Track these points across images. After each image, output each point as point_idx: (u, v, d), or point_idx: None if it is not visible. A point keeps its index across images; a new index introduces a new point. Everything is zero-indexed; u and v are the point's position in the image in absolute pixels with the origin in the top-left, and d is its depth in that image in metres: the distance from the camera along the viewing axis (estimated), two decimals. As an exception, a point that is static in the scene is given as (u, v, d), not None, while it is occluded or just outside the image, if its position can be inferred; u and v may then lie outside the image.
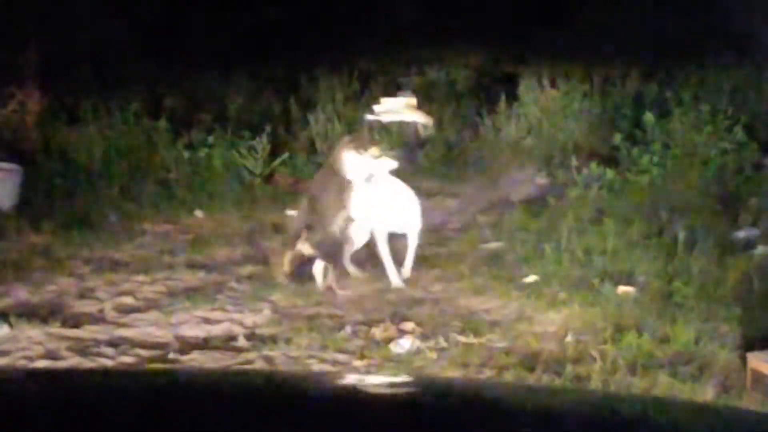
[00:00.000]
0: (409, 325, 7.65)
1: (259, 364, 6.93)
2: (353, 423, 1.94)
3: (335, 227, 8.47)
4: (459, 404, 2.26)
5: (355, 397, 2.29)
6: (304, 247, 8.54)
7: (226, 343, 7.42)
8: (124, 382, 2.48)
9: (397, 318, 7.76)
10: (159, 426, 1.85)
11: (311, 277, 8.66)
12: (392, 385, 2.70)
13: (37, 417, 1.90)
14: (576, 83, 13.81)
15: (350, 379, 3.10)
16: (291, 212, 9.51)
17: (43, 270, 9.14)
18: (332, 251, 8.52)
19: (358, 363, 6.97)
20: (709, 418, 2.36)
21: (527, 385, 3.56)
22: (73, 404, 2.05)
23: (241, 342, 7.39)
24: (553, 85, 13.81)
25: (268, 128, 12.65)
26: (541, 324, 7.70)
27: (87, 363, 6.92)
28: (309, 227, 8.54)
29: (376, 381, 2.99)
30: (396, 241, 8.76)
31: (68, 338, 7.44)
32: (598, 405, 2.47)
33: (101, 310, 8.18)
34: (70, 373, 3.58)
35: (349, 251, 8.78)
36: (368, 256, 8.92)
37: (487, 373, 6.75)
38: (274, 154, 12.61)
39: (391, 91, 14.90)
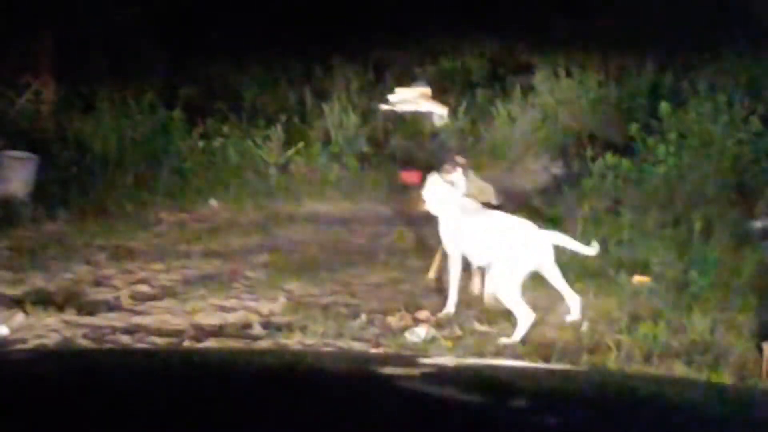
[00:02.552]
0: (423, 314, 7.65)
1: (275, 352, 6.94)
2: (365, 401, 1.94)
3: None
4: (470, 384, 2.26)
5: (367, 376, 2.30)
6: None
7: (242, 330, 7.42)
8: (139, 362, 2.49)
9: (412, 307, 7.76)
10: (173, 404, 1.85)
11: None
12: (406, 363, 2.71)
13: (52, 397, 1.91)
14: (591, 73, 13.80)
15: (364, 357, 3.10)
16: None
17: (58, 258, 9.16)
18: None
19: (373, 352, 6.96)
20: (720, 397, 2.36)
21: (539, 367, 3.55)
22: (87, 383, 2.05)
23: (257, 330, 7.39)
24: (568, 74, 13.78)
25: (283, 118, 12.66)
26: (557, 313, 7.68)
27: (103, 350, 6.94)
28: None
29: (389, 360, 2.99)
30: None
31: (84, 326, 7.43)
32: (608, 384, 2.47)
33: (117, 298, 8.19)
34: (85, 353, 3.58)
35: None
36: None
37: (503, 362, 6.74)
38: (289, 143, 12.63)
39: (406, 80, 14.87)
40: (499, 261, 7.39)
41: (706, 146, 11.31)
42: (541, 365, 4.47)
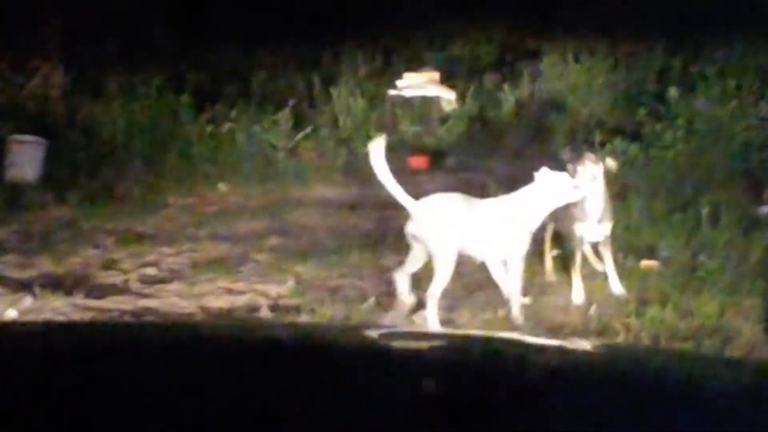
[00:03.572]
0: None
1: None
2: (375, 375, 1.95)
3: None
4: (479, 358, 2.27)
5: (377, 350, 2.31)
6: None
7: (250, 313, 7.44)
8: (147, 335, 2.50)
9: (422, 290, 7.76)
10: (182, 378, 1.86)
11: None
12: (414, 337, 2.72)
13: (61, 369, 1.92)
14: (600, 58, 13.74)
15: (372, 331, 3.11)
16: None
17: (67, 242, 9.20)
18: None
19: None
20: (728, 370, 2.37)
21: (547, 342, 3.56)
22: (96, 356, 2.07)
23: (265, 313, 7.41)
24: (576, 60, 13.74)
25: (291, 103, 12.67)
26: (565, 297, 7.69)
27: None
28: None
29: (397, 334, 3.00)
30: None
31: (92, 309, 7.47)
32: (616, 358, 2.48)
33: (125, 281, 8.23)
34: (94, 326, 3.60)
35: None
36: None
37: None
38: (297, 128, 12.64)
39: (414, 65, 14.85)
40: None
41: (715, 131, 11.30)
42: (552, 340, 4.47)
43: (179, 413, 1.65)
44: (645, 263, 8.27)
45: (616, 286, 7.75)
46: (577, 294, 7.66)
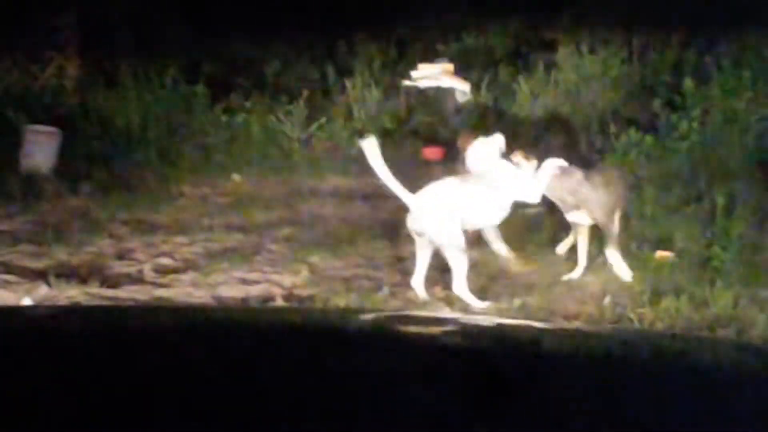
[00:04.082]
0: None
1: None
2: (381, 358, 1.95)
3: None
4: (488, 343, 2.27)
5: (383, 334, 2.31)
6: None
7: (264, 303, 7.45)
8: (153, 318, 2.51)
9: (434, 281, 7.76)
10: (189, 361, 1.87)
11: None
12: (422, 321, 2.72)
13: (72, 352, 1.92)
14: (615, 49, 13.70)
15: (379, 316, 3.11)
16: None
17: (81, 231, 9.20)
18: None
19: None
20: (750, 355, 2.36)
21: (559, 326, 3.56)
22: (108, 339, 2.07)
23: (279, 303, 7.42)
24: (591, 51, 13.70)
25: (305, 93, 12.68)
26: (580, 287, 7.69)
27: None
28: None
29: (406, 318, 3.01)
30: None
31: (107, 298, 7.48)
32: (629, 341, 2.48)
33: (140, 271, 8.24)
34: (108, 310, 3.61)
35: None
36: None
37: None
38: (311, 119, 12.65)
39: (429, 57, 14.83)
40: None
41: (730, 122, 11.28)
42: (564, 324, 4.48)
43: (189, 397, 1.66)
44: (659, 254, 8.26)
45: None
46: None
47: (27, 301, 7.24)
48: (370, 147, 7.33)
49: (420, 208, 7.27)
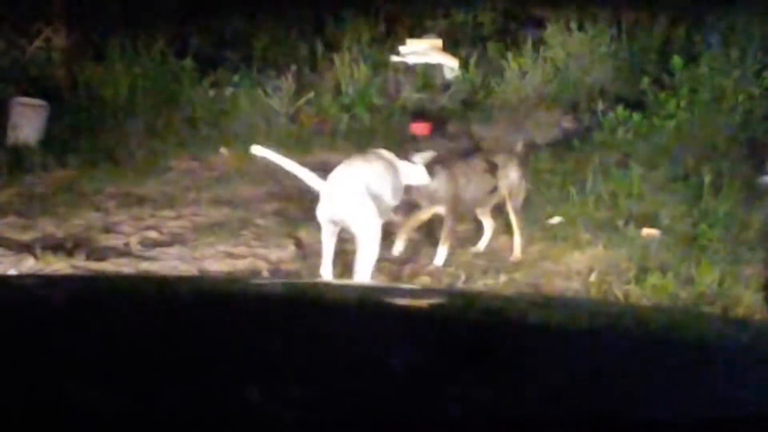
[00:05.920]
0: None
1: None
2: (371, 331, 1.96)
3: None
4: (480, 315, 2.27)
5: (373, 306, 2.31)
6: None
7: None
8: (144, 288, 2.51)
9: (422, 256, 7.78)
10: (179, 333, 1.87)
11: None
12: (413, 294, 2.73)
13: (58, 321, 1.93)
14: (603, 27, 13.69)
15: (369, 288, 3.12)
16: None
17: (68, 204, 9.21)
18: None
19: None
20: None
21: (549, 297, 3.57)
22: (94, 308, 2.07)
23: (265, 276, 7.42)
24: (580, 28, 13.69)
25: (293, 68, 12.65)
26: (566, 264, 7.71)
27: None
28: None
29: (396, 291, 3.02)
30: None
31: (93, 271, 7.47)
32: (616, 313, 2.49)
33: (126, 244, 8.24)
34: (93, 279, 3.61)
35: None
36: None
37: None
38: (299, 94, 12.63)
39: (417, 33, 14.82)
40: None
41: (718, 101, 11.30)
42: (546, 296, 4.49)
43: (173, 365, 1.66)
44: (646, 231, 8.29)
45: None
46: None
47: (13, 273, 7.24)
48: (262, 151, 7.25)
49: (332, 195, 6.91)
